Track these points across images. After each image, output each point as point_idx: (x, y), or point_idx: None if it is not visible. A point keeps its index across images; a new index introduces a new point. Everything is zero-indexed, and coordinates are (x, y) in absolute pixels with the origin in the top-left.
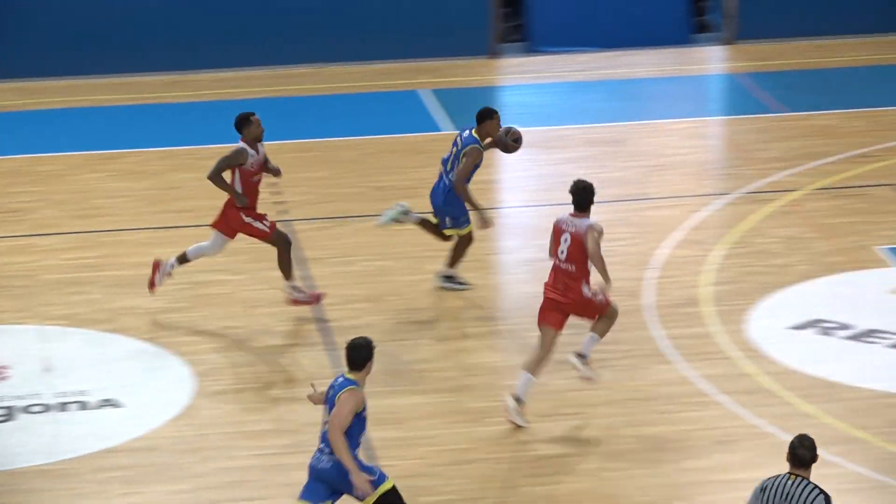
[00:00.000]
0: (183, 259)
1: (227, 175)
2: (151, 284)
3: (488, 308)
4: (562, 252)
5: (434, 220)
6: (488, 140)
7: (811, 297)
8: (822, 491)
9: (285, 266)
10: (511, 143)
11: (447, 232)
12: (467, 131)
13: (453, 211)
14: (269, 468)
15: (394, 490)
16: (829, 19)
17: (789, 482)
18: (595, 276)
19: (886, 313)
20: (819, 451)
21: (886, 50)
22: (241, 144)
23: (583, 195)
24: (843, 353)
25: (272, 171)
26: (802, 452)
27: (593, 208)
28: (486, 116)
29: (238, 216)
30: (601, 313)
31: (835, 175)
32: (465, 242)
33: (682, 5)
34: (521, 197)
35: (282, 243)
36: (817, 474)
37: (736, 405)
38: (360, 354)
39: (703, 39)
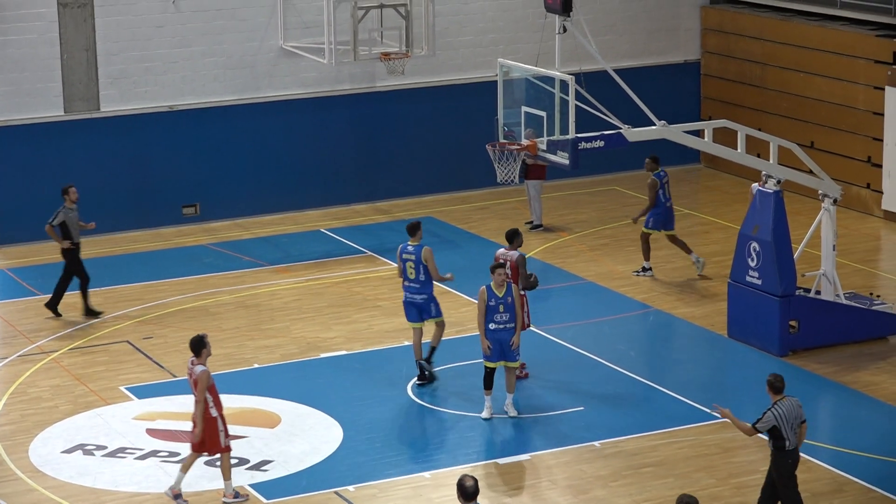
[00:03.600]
0: None
1: None
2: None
3: None
4: None
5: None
6: None
7: (76, 428)
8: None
9: None
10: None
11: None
12: None
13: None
14: None
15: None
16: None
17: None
18: None
19: (131, 434)
20: None
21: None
22: None
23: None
24: (103, 466)
25: None
26: (777, 385)
27: None
28: None
29: None
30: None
31: (82, 338)
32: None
33: None
34: None
35: None
36: None
37: None
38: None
39: None
